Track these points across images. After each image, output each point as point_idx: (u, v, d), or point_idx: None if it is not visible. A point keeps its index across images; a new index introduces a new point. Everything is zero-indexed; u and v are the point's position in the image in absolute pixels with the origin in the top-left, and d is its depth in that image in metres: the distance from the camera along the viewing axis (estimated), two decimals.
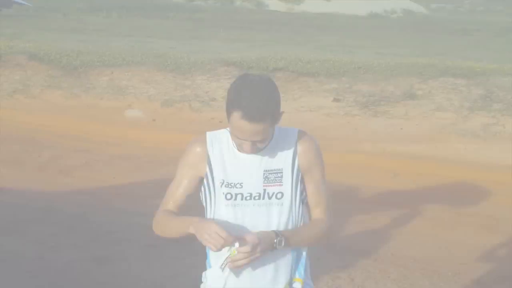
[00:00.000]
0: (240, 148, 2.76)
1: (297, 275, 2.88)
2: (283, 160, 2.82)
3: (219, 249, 2.60)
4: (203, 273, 2.99)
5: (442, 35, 29.06)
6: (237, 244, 2.60)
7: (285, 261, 2.83)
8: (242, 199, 2.78)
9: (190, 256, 6.27)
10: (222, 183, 2.80)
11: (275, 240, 2.68)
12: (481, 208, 8.37)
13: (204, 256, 2.99)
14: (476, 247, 6.97)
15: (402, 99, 12.47)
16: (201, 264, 3.02)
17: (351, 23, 36.03)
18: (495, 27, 32.67)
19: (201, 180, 2.86)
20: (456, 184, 9.28)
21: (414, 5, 49.95)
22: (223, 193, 2.79)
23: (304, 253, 2.91)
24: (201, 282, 3.00)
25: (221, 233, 2.57)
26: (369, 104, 12.44)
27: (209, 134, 2.89)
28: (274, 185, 2.79)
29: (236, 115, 2.59)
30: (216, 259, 2.83)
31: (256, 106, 2.56)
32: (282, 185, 2.80)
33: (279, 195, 2.79)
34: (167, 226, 2.88)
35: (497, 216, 8.03)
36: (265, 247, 2.65)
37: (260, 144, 2.71)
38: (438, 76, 13.15)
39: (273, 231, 2.72)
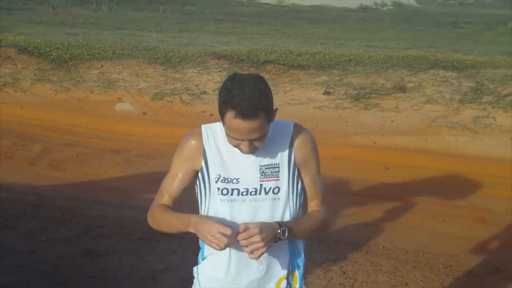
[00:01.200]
0: (237, 148, 2.71)
1: (292, 268, 2.87)
2: (280, 154, 2.80)
3: (223, 249, 2.58)
4: (194, 268, 2.97)
5: (432, 27, 29.12)
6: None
7: (280, 257, 2.82)
8: (238, 194, 2.76)
9: (182, 249, 6.28)
10: (218, 178, 2.78)
11: (279, 231, 2.65)
12: (472, 201, 8.40)
13: (196, 250, 2.97)
14: (467, 239, 6.99)
15: (392, 92, 12.48)
16: (193, 257, 3.00)
17: (341, 15, 36.06)
18: (485, 20, 32.75)
19: (196, 174, 2.84)
20: (447, 177, 9.31)
21: None
22: (219, 188, 2.77)
23: (300, 247, 2.91)
24: (193, 277, 2.98)
25: (226, 231, 2.55)
26: (360, 97, 12.44)
27: (204, 127, 2.86)
28: (270, 180, 2.77)
29: (230, 115, 2.56)
30: (210, 251, 2.81)
31: (248, 103, 2.52)
32: (279, 179, 2.78)
33: (275, 190, 2.77)
34: (163, 221, 2.85)
35: (488, 208, 8.06)
36: (269, 238, 2.60)
37: (258, 143, 2.67)
38: (429, 68, 13.17)
39: (276, 222, 2.69)
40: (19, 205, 7.67)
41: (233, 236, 2.55)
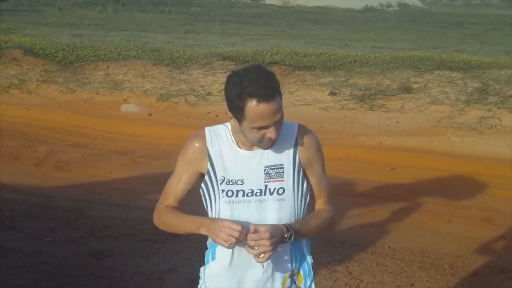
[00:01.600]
0: (260, 144, 2.71)
1: (296, 267, 2.87)
2: (284, 155, 2.79)
3: (233, 245, 2.58)
4: (201, 269, 2.97)
5: (438, 28, 29.09)
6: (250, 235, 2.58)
7: (284, 256, 2.82)
8: (243, 195, 2.75)
9: (187, 250, 6.28)
10: (223, 180, 2.77)
11: (286, 235, 2.66)
12: (478, 201, 8.39)
13: (201, 250, 2.97)
14: (473, 240, 6.98)
15: (398, 93, 12.47)
16: (198, 258, 3.00)
17: (346, 16, 36.06)
18: (490, 20, 32.71)
19: (201, 176, 2.84)
20: (452, 177, 9.29)
21: None
22: (224, 190, 2.76)
23: (304, 246, 2.91)
24: (199, 277, 2.98)
25: (235, 226, 2.56)
26: (365, 97, 12.44)
27: (208, 130, 2.86)
28: (275, 181, 2.76)
29: (251, 104, 2.55)
30: (221, 252, 2.82)
31: (265, 86, 2.54)
32: (283, 180, 2.77)
33: (280, 191, 2.76)
34: (172, 223, 2.86)
35: (493, 208, 8.04)
36: (277, 242, 2.62)
37: (279, 126, 2.66)
38: (434, 69, 13.16)
39: (284, 224, 2.70)
40: (25, 206, 7.68)
41: (243, 232, 2.56)
